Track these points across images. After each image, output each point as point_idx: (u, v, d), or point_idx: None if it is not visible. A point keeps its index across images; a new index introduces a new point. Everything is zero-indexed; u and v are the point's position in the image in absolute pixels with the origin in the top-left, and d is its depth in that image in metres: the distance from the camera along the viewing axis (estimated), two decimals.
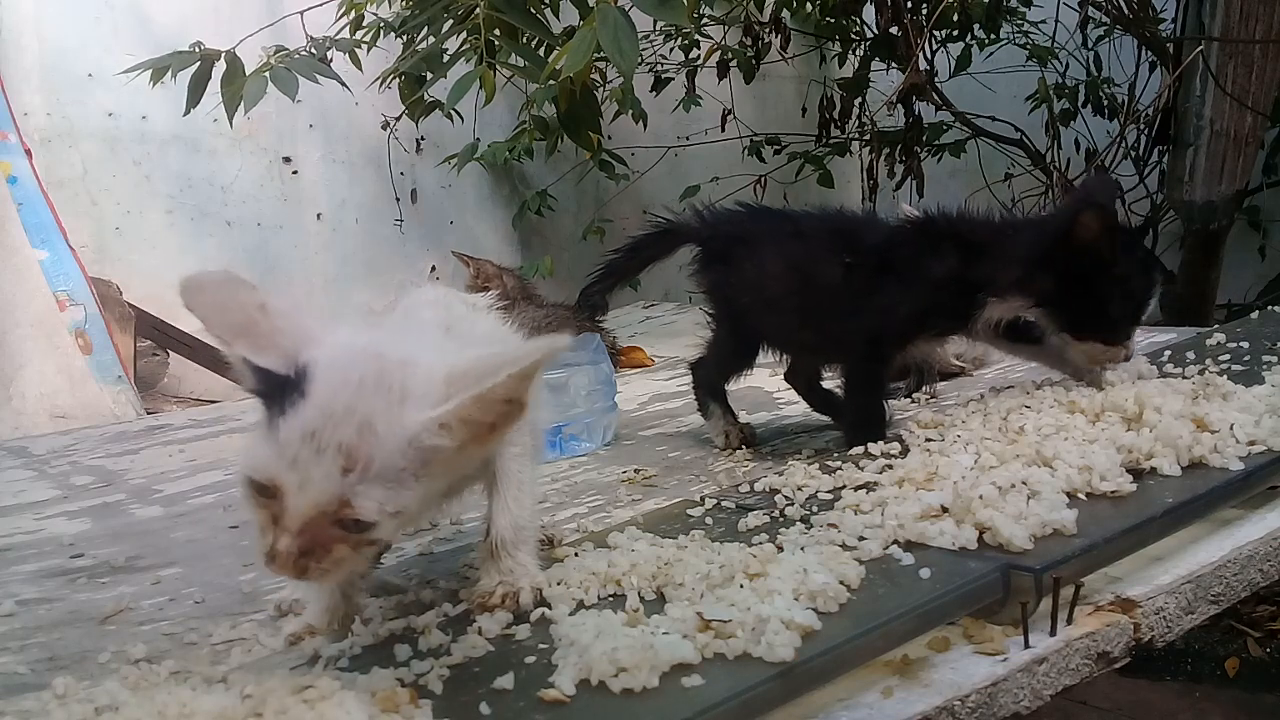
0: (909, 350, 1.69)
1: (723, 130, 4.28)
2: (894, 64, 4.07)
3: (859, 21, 4.25)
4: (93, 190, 3.39)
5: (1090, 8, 3.71)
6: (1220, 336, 1.82)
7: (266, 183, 3.74)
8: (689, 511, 1.26)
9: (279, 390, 0.84)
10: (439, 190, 4.10)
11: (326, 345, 0.86)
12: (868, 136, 4.35)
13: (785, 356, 1.80)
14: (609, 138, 3.98)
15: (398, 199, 3.96)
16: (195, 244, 3.59)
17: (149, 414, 2.94)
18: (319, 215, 3.85)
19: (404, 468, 0.84)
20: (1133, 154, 3.84)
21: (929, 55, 3.96)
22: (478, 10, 2.46)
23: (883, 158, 4.23)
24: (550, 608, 0.97)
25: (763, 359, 1.78)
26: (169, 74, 2.61)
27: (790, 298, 1.66)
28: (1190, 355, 1.70)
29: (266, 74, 2.56)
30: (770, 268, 1.68)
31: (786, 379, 1.85)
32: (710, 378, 1.81)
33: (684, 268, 1.81)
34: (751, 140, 4.34)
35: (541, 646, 0.89)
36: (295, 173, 3.79)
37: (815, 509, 1.20)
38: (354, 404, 0.82)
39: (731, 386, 1.82)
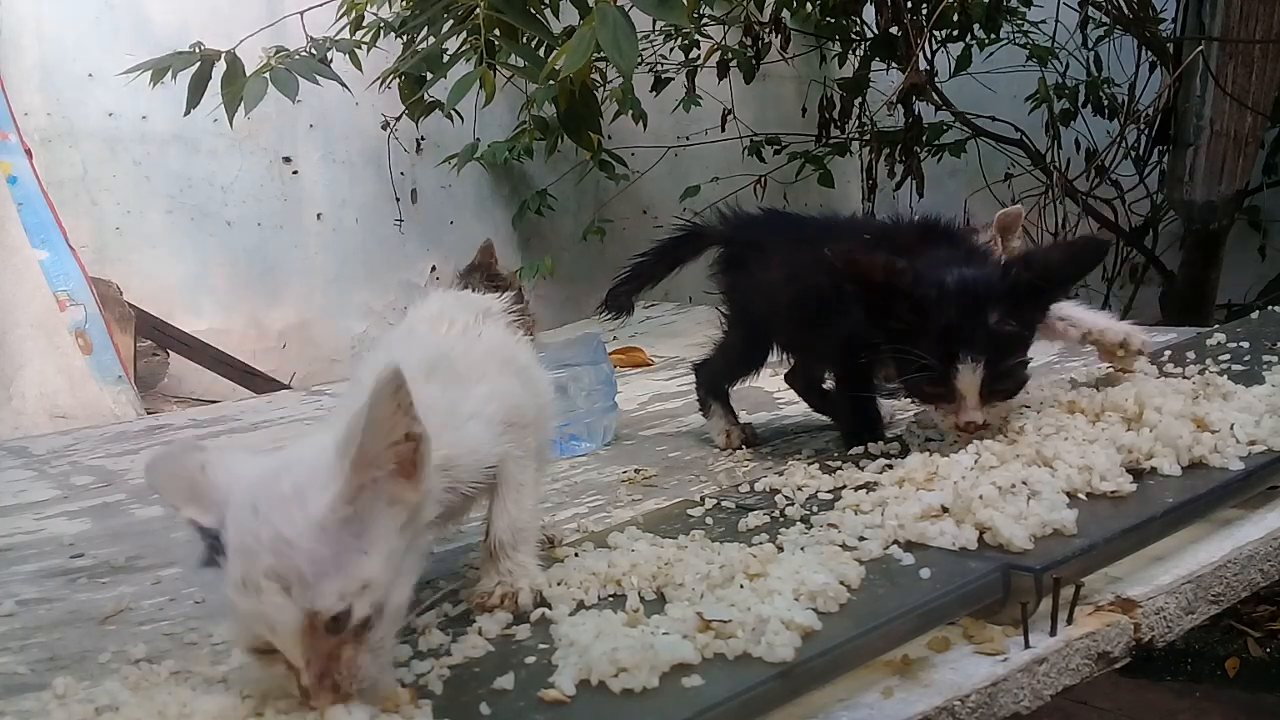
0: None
1: (723, 130, 4.28)
2: (894, 64, 4.07)
3: (859, 21, 4.25)
4: (93, 190, 3.39)
5: (1090, 8, 3.71)
6: (1220, 336, 1.82)
7: (266, 183, 3.74)
8: (689, 511, 1.26)
9: (215, 550, 0.83)
10: (439, 190, 4.10)
11: (235, 488, 0.85)
12: (868, 136, 4.36)
13: (794, 359, 1.81)
14: (609, 138, 3.98)
15: (398, 199, 3.96)
16: (195, 244, 3.59)
17: (149, 414, 2.94)
18: (319, 215, 3.85)
19: (336, 551, 0.81)
20: (1133, 154, 3.84)
21: (929, 55, 3.96)
22: (478, 10, 2.46)
23: (883, 158, 4.23)
24: (550, 608, 0.97)
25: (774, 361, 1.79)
26: (169, 74, 2.61)
27: (793, 303, 1.66)
28: (1190, 355, 1.69)
29: (266, 75, 2.56)
30: (776, 272, 1.68)
31: (786, 379, 1.86)
32: (714, 378, 1.82)
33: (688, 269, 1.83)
34: (751, 140, 4.34)
35: (542, 646, 0.89)
36: (295, 173, 3.79)
37: (815, 509, 1.20)
38: (257, 530, 0.80)
39: (734, 388, 1.83)
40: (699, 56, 4.11)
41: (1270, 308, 2.11)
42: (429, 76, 2.93)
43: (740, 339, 1.79)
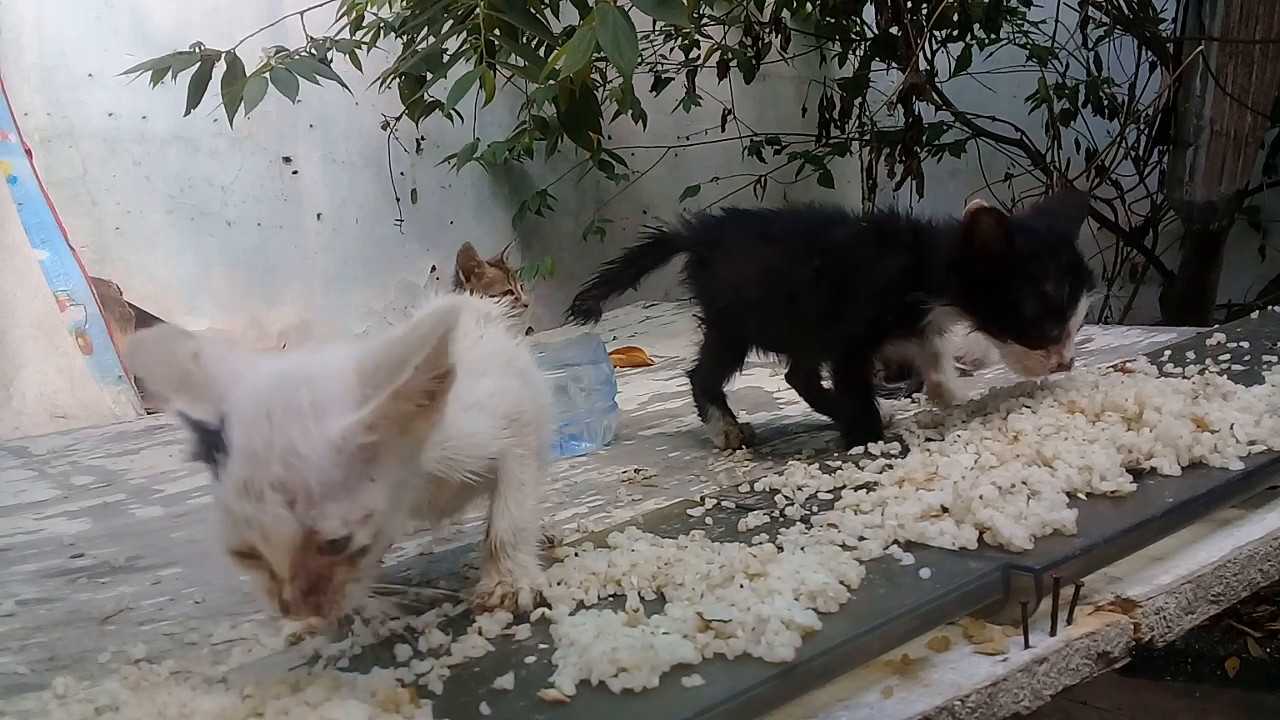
0: (884, 350, 1.69)
1: (723, 130, 4.28)
2: (894, 64, 4.07)
3: (859, 21, 4.25)
4: (93, 190, 3.39)
5: (1090, 8, 3.71)
6: (1220, 336, 1.82)
7: (266, 183, 3.74)
8: (689, 511, 1.26)
9: (211, 445, 0.82)
10: (439, 190, 4.10)
11: (240, 387, 0.83)
12: (868, 136, 4.36)
13: (775, 356, 1.82)
14: (609, 138, 3.98)
15: (398, 199, 3.95)
16: (195, 244, 3.59)
17: (149, 414, 2.94)
18: (319, 215, 3.85)
19: (347, 476, 0.81)
20: (1133, 154, 3.84)
21: (929, 55, 3.96)
22: (478, 10, 2.46)
23: (883, 158, 4.23)
24: (550, 608, 0.97)
25: (762, 360, 1.79)
26: (169, 74, 2.61)
27: (763, 299, 1.68)
28: (1190, 355, 1.70)
29: (266, 75, 2.56)
30: (744, 270, 1.70)
31: (787, 379, 1.86)
32: (705, 381, 1.82)
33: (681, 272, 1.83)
34: (751, 140, 4.34)
35: (542, 646, 0.89)
36: (295, 173, 3.79)
37: (815, 509, 1.20)
38: (270, 438, 0.79)
39: (729, 388, 1.83)
40: (699, 56, 4.11)
41: (1270, 308, 2.11)
42: (429, 76, 2.92)
43: (716, 339, 1.81)
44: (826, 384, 1.82)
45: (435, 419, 0.87)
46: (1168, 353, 1.75)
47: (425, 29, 2.85)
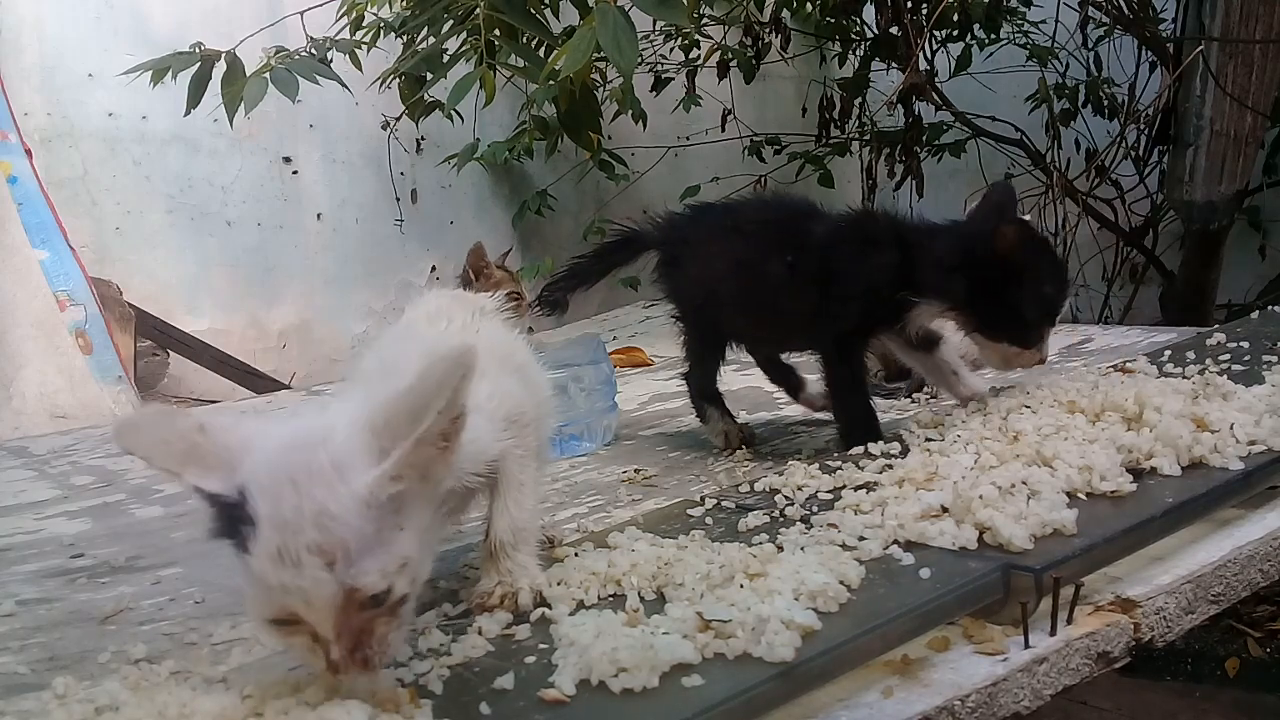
0: (873, 346, 1.72)
1: (723, 130, 4.28)
2: (894, 64, 4.07)
3: (859, 21, 4.25)
4: (93, 190, 3.39)
5: (1090, 8, 3.71)
6: (1220, 336, 1.82)
7: (267, 183, 3.74)
8: (689, 511, 1.26)
9: (233, 519, 0.81)
10: (439, 190, 4.10)
11: (253, 456, 0.83)
12: (868, 136, 4.35)
13: (753, 349, 1.86)
14: (609, 138, 3.98)
15: (398, 199, 3.96)
16: (195, 244, 3.59)
17: None
18: (319, 215, 3.85)
19: (379, 529, 0.81)
20: (1133, 154, 3.84)
21: (929, 55, 3.96)
22: (478, 10, 2.46)
23: (883, 158, 4.23)
24: (550, 608, 0.97)
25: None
26: (169, 74, 2.61)
27: (737, 293, 1.70)
28: (1190, 355, 1.70)
29: (266, 75, 2.56)
30: (715, 265, 1.72)
31: (748, 349, 1.88)
32: (699, 381, 1.83)
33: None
34: (751, 140, 4.34)
35: (542, 646, 0.89)
36: (295, 173, 3.79)
37: (815, 509, 1.20)
38: (299, 503, 0.79)
39: (728, 388, 1.83)
40: (699, 56, 4.11)
41: (1270, 308, 2.11)
42: (429, 76, 2.93)
43: (695, 336, 1.82)
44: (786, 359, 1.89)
45: (451, 460, 0.87)
46: (1168, 353, 1.75)
47: (425, 29, 2.85)
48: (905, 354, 1.73)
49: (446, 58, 2.77)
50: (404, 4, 3.04)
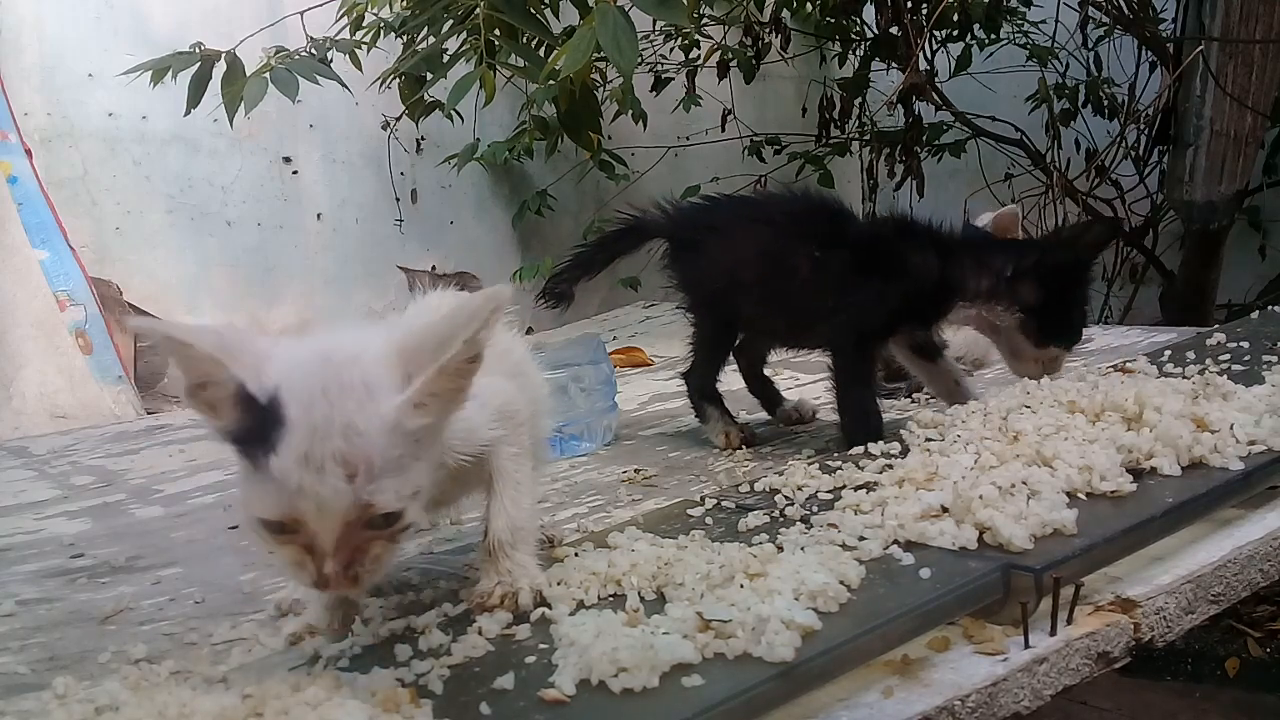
0: (890, 345, 1.75)
1: (723, 130, 4.28)
2: (894, 64, 4.07)
3: (859, 21, 4.25)
4: (93, 190, 3.39)
5: (1090, 8, 3.71)
6: (1220, 336, 1.82)
7: (266, 183, 3.74)
8: (689, 511, 1.26)
9: (257, 424, 0.83)
10: (439, 190, 4.10)
11: (280, 364, 0.85)
12: (868, 136, 4.36)
13: (759, 341, 1.89)
14: (609, 138, 3.98)
15: (398, 199, 3.96)
16: (195, 244, 3.59)
17: (149, 414, 2.94)
18: (319, 215, 3.85)
19: (401, 453, 0.84)
20: (1133, 154, 3.84)
21: (929, 55, 3.96)
22: (478, 10, 2.46)
23: (883, 158, 4.23)
24: (550, 608, 0.97)
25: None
26: (169, 74, 2.61)
27: (762, 283, 1.71)
28: (1190, 355, 1.70)
29: (266, 75, 2.56)
30: (741, 253, 1.73)
31: (734, 354, 1.90)
32: (701, 379, 1.83)
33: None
34: (751, 140, 4.34)
35: (542, 646, 0.89)
36: (295, 173, 3.79)
37: (815, 509, 1.20)
38: (330, 414, 0.81)
39: (724, 388, 1.84)
40: (699, 56, 4.11)
41: (1270, 308, 2.11)
42: (429, 76, 2.93)
43: (708, 324, 1.83)
44: (768, 371, 1.95)
45: (461, 401, 0.90)
46: (1168, 353, 1.75)
47: (425, 29, 2.86)
48: (909, 359, 1.75)
49: (446, 58, 2.78)
50: (404, 4, 3.04)
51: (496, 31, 2.51)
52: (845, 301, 1.62)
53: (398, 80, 3.06)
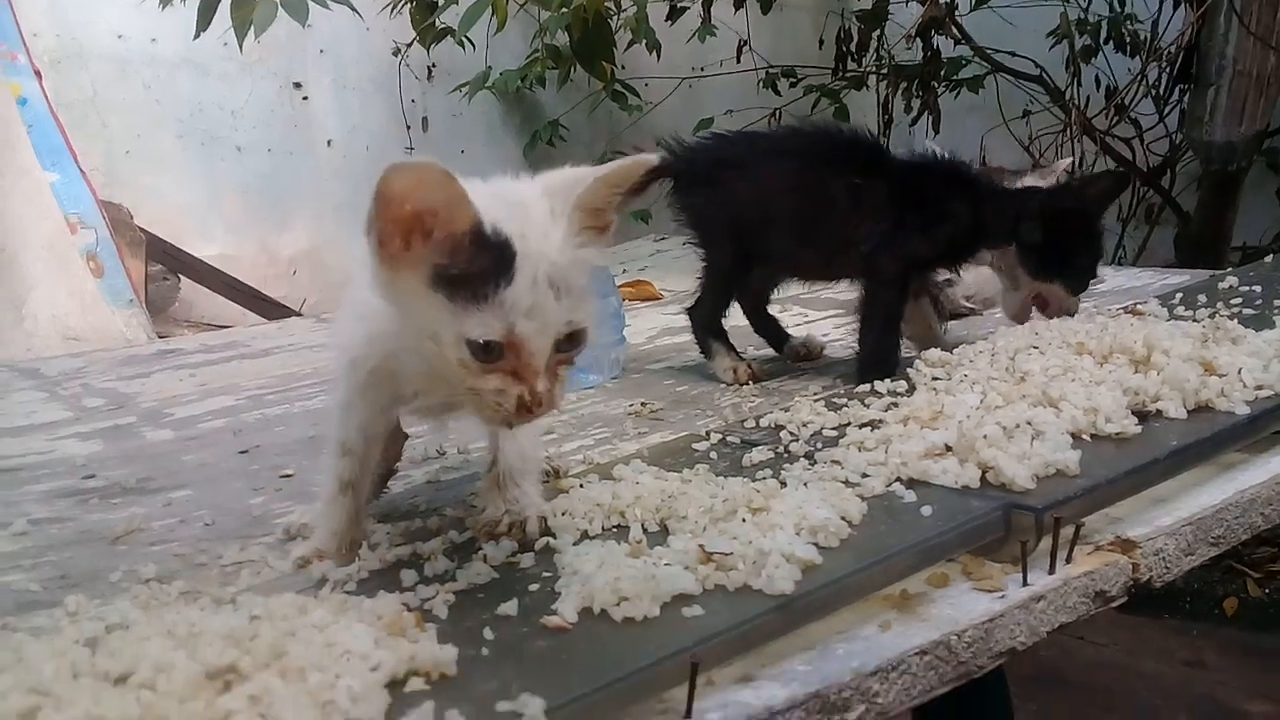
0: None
1: (738, 62, 4.22)
2: None
3: None
4: (102, 113, 3.38)
5: None
6: (1233, 280, 1.81)
7: (277, 108, 3.71)
8: (694, 446, 1.26)
9: (492, 258, 0.88)
10: (450, 119, 4.07)
11: (480, 204, 0.90)
12: (885, 70, 4.30)
13: (771, 277, 1.89)
14: (622, 68, 3.93)
15: (408, 127, 3.93)
16: (206, 169, 3.58)
17: (160, 338, 2.95)
18: (329, 142, 3.83)
19: (584, 281, 0.92)
20: (1153, 92, 3.79)
21: None
22: None
23: (899, 92, 4.18)
24: (555, 537, 0.98)
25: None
26: None
27: (791, 216, 1.71)
28: (1202, 298, 1.69)
29: None
30: (767, 186, 1.73)
31: (740, 297, 1.91)
32: (708, 314, 1.83)
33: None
34: (767, 72, 4.29)
35: (545, 575, 0.90)
36: (306, 99, 3.77)
37: (819, 445, 1.20)
38: (540, 245, 0.89)
39: (730, 324, 1.83)
40: None
41: None
42: (440, 2, 2.89)
43: (721, 257, 1.83)
44: (772, 309, 1.96)
45: (604, 246, 0.96)
46: (1179, 295, 1.74)
47: None
48: None
49: None
50: None
51: None
52: (893, 232, 1.64)
53: (409, 5, 3.02)
